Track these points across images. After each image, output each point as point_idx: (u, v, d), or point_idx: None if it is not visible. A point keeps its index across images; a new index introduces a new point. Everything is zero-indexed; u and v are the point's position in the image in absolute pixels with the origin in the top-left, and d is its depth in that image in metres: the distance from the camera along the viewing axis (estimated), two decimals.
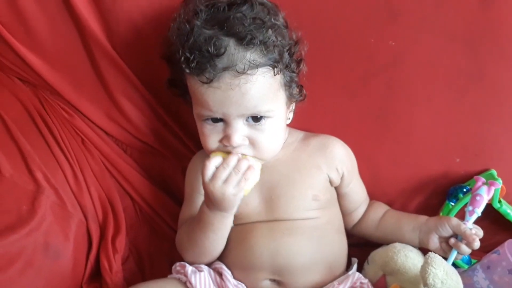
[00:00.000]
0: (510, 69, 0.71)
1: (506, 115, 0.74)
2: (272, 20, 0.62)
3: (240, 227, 0.68)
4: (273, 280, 0.67)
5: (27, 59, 0.73)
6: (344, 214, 0.75)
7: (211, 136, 0.64)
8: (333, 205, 0.73)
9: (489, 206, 0.75)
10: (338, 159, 0.71)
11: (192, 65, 0.59)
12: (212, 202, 0.62)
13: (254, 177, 0.62)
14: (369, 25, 0.70)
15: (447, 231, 0.68)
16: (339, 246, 0.71)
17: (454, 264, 0.75)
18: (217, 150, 0.65)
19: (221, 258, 0.70)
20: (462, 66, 0.72)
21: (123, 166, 0.80)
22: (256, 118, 0.62)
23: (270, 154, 0.66)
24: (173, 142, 0.81)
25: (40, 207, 0.66)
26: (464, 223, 0.67)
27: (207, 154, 0.73)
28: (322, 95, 0.73)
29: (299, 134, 0.74)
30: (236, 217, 0.68)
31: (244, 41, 0.58)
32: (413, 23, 0.70)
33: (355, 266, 0.71)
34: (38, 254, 0.64)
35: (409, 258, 0.66)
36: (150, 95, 0.77)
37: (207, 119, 0.63)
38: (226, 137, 0.63)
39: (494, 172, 0.74)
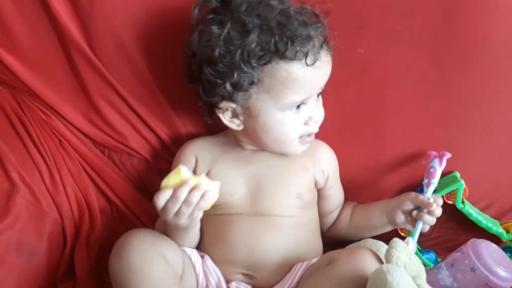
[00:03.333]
0: (471, 77, 0.74)
1: (469, 121, 0.77)
2: None
3: (222, 217, 0.70)
4: (246, 275, 0.69)
5: (5, 61, 0.74)
6: (322, 215, 0.77)
7: (296, 123, 0.66)
8: (313, 207, 0.75)
9: (453, 207, 0.78)
10: (324, 161, 0.74)
11: (300, 48, 0.60)
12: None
13: (212, 196, 0.61)
14: (339, 33, 0.73)
15: (408, 205, 0.70)
16: (315, 248, 0.73)
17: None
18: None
19: (200, 246, 0.72)
20: (428, 75, 0.75)
21: (100, 166, 0.81)
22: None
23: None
24: (151, 144, 0.82)
25: (14, 206, 0.66)
26: (423, 195, 0.70)
27: (195, 146, 0.74)
28: None
29: None
30: (219, 207, 0.69)
31: (314, 23, 0.64)
32: (381, 32, 0.73)
33: None
34: (11, 252, 0.64)
35: (379, 252, 0.67)
36: (129, 97, 0.78)
37: (293, 107, 0.65)
38: (310, 117, 0.66)
39: (457, 174, 0.77)
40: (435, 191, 0.73)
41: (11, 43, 0.74)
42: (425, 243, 0.82)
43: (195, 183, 0.59)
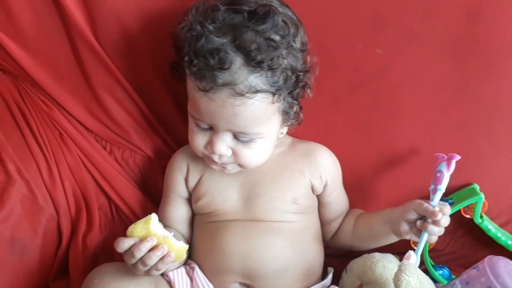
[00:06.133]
0: (496, 84, 0.71)
1: (491, 130, 0.73)
2: (290, 41, 0.59)
3: (214, 224, 0.68)
4: (243, 284, 0.66)
5: (9, 49, 0.72)
6: (323, 223, 0.74)
7: (198, 137, 0.64)
8: (312, 213, 0.72)
9: (471, 222, 0.74)
10: (322, 166, 0.71)
11: (194, 69, 0.57)
12: None
13: (177, 259, 0.58)
14: (357, 32, 0.70)
15: (412, 214, 0.64)
16: (315, 254, 0.70)
17: (434, 280, 0.74)
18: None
19: (192, 257, 0.69)
20: (449, 79, 0.72)
21: (101, 162, 0.78)
22: (246, 136, 0.61)
23: (252, 166, 0.66)
24: (155, 141, 0.80)
25: (9, 199, 0.65)
26: (429, 203, 0.64)
27: (187, 153, 0.73)
28: (307, 102, 0.72)
29: (287, 139, 0.73)
30: (212, 214, 0.68)
31: (252, 62, 0.56)
32: (401, 33, 0.70)
33: (330, 275, 0.70)
34: (3, 248, 0.62)
35: (387, 269, 0.65)
36: (134, 92, 0.76)
37: (193, 120, 0.63)
38: (210, 144, 0.62)
39: (477, 186, 0.73)
40: (448, 201, 0.68)
41: (16, 31, 0.72)
42: (439, 259, 0.79)
43: (157, 243, 0.56)
